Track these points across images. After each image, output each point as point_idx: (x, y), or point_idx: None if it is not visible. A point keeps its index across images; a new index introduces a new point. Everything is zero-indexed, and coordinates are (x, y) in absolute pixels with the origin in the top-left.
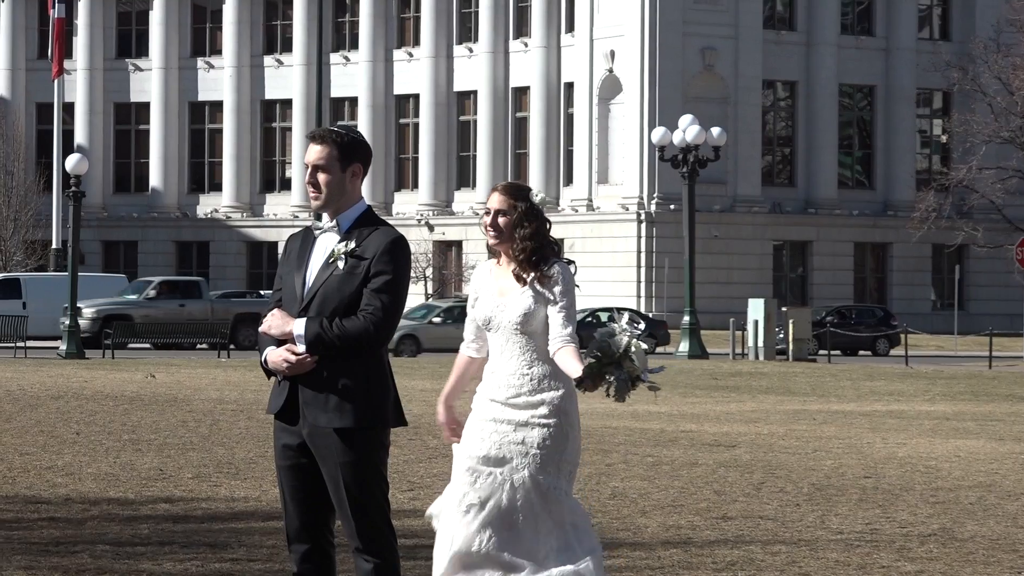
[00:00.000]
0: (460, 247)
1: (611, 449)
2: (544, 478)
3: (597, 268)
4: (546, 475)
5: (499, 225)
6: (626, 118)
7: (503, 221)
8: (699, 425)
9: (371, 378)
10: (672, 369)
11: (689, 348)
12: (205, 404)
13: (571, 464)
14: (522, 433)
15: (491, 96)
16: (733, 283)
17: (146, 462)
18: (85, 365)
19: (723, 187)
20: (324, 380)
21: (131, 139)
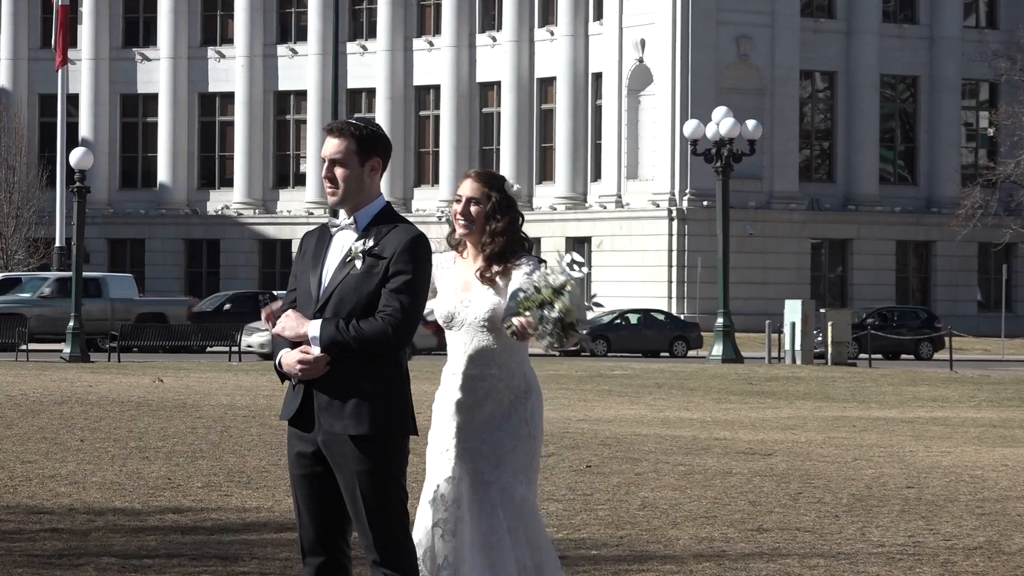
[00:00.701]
0: None
1: (641, 457)
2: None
3: (626, 268)
4: (518, 484)
5: (471, 214)
6: (657, 110)
7: (475, 210)
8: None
9: (390, 383)
10: (705, 374)
11: (723, 351)
12: (215, 410)
13: (536, 471)
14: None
15: (515, 87)
16: (769, 283)
17: (153, 471)
18: (90, 369)
19: (759, 183)
20: (341, 385)
21: (138, 132)
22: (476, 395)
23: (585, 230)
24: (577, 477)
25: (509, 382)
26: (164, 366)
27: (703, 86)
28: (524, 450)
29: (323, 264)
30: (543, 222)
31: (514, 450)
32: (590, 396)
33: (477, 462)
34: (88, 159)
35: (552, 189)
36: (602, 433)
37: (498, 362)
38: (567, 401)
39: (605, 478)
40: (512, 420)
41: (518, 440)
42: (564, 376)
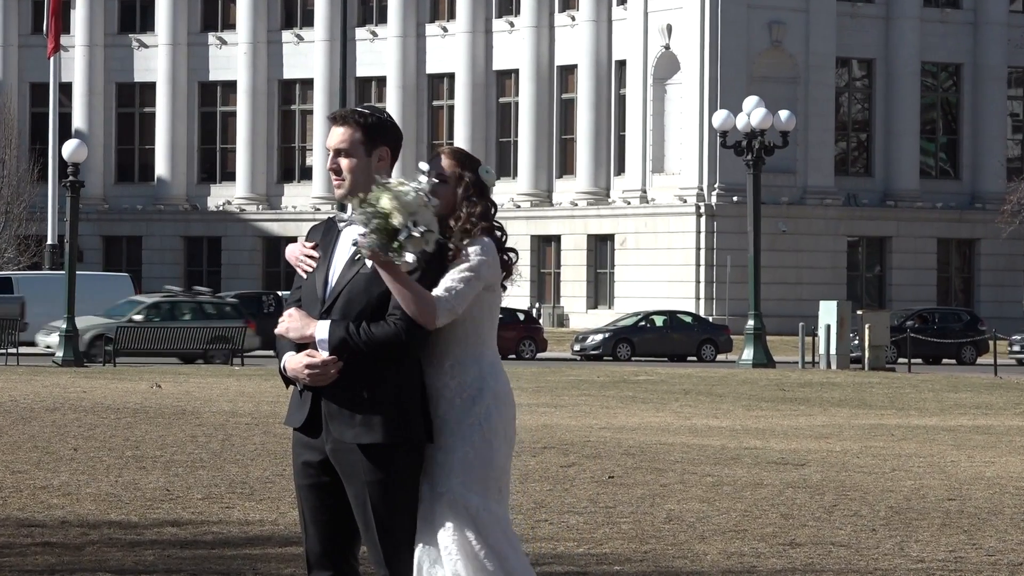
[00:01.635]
0: None
1: (666, 468)
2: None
3: (651, 267)
4: (472, 495)
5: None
6: (684, 100)
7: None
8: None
9: (402, 389)
10: (735, 379)
11: (754, 356)
12: (216, 417)
13: (497, 480)
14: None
15: (534, 76)
16: (803, 284)
17: (151, 481)
18: (84, 374)
19: (792, 177)
20: (351, 391)
21: (135, 123)
22: (432, 395)
23: (608, 227)
24: (599, 489)
25: (461, 380)
26: (162, 371)
27: (733, 74)
28: (479, 456)
29: (330, 262)
30: (563, 218)
31: (466, 457)
32: (612, 403)
33: (432, 470)
34: (82, 152)
35: (573, 184)
36: (625, 442)
37: (451, 358)
38: (588, 408)
39: (628, 489)
40: (463, 422)
41: (470, 446)
42: (585, 382)
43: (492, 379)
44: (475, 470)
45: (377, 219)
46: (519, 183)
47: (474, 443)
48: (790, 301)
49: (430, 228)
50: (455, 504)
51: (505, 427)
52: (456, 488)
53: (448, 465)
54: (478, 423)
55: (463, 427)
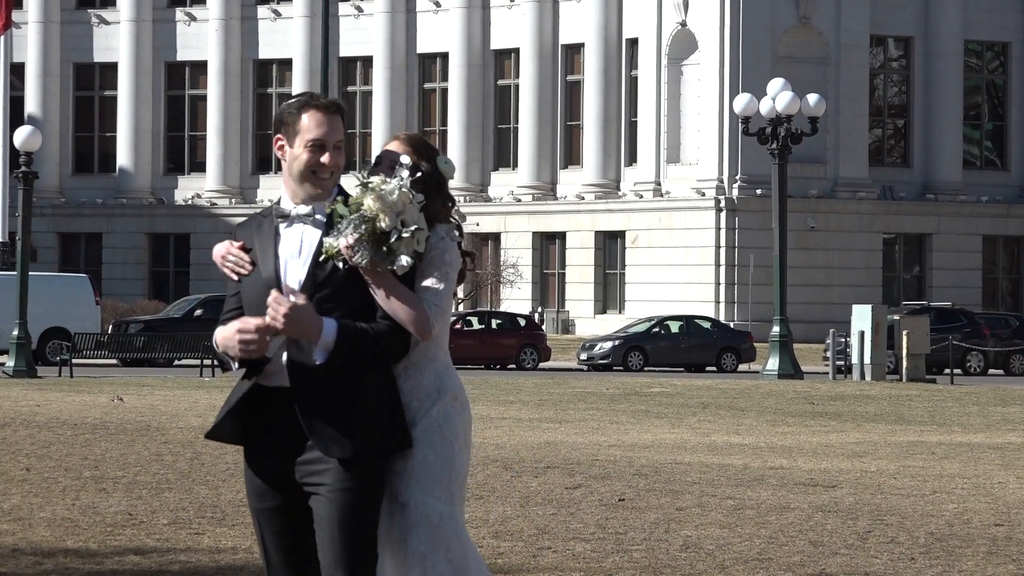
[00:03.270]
0: (498, 241)
1: (683, 490)
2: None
3: (666, 267)
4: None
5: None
6: (702, 83)
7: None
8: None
9: (390, 394)
10: (759, 391)
11: (779, 365)
12: (184, 433)
13: (460, 486)
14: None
15: (536, 55)
16: (834, 285)
17: (112, 505)
18: (37, 385)
19: (821, 167)
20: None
21: (94, 108)
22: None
23: (618, 223)
24: (608, 513)
25: (416, 382)
26: (124, 382)
27: (756, 54)
28: (439, 460)
29: (276, 262)
30: (569, 214)
31: (426, 460)
32: (623, 418)
33: (392, 479)
34: (35, 139)
35: (579, 175)
36: (637, 461)
37: (407, 359)
38: (596, 424)
39: (641, 514)
40: (422, 425)
41: (430, 449)
42: (592, 394)
43: (448, 380)
44: (436, 475)
45: (364, 224)
46: (519, 174)
47: (434, 446)
48: (820, 305)
49: (420, 226)
50: (418, 513)
51: (464, 429)
52: (417, 495)
53: (408, 471)
54: (436, 425)
55: (421, 431)
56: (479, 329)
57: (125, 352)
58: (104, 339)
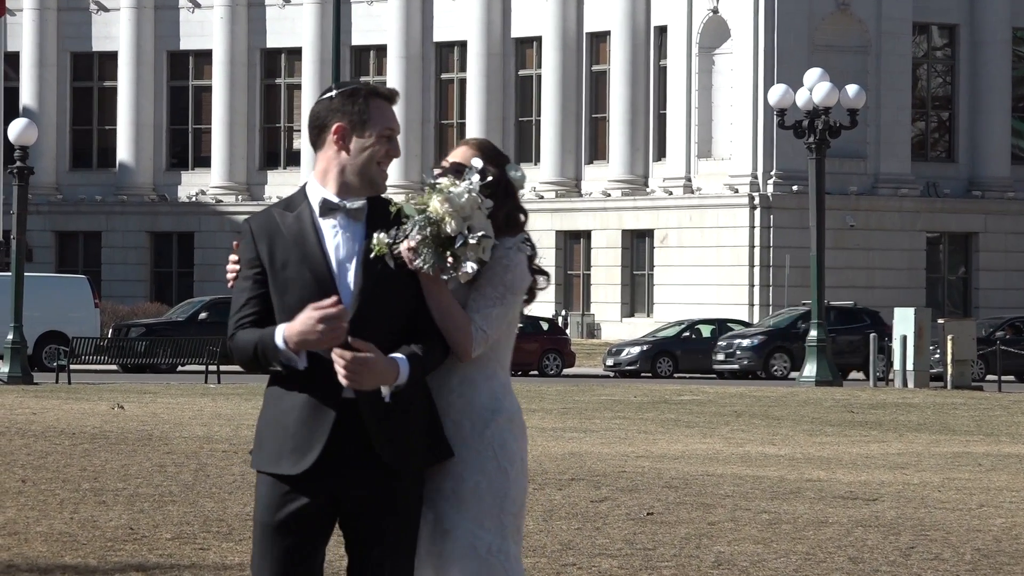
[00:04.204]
0: None
1: (715, 503)
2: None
3: (697, 268)
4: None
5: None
6: (735, 73)
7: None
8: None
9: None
10: (795, 399)
11: (817, 371)
12: (188, 443)
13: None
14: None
15: (560, 44)
16: (874, 287)
17: (112, 518)
18: (33, 392)
19: (861, 163)
20: (400, 407)
21: (93, 100)
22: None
23: (646, 221)
24: (636, 527)
25: (471, 399)
26: (125, 389)
27: (792, 43)
28: (492, 488)
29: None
30: (594, 211)
31: (477, 488)
32: (652, 427)
33: (436, 500)
34: (31, 133)
35: (605, 171)
36: (667, 473)
37: (460, 373)
38: (624, 433)
39: (671, 528)
40: (474, 448)
41: (482, 475)
42: (619, 402)
43: (506, 400)
44: (487, 504)
45: (429, 226)
46: (542, 170)
47: (487, 472)
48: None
49: (487, 233)
50: (464, 543)
51: (522, 455)
52: (466, 524)
53: (457, 496)
54: (491, 450)
55: (474, 453)
56: None
57: (126, 357)
58: (104, 344)
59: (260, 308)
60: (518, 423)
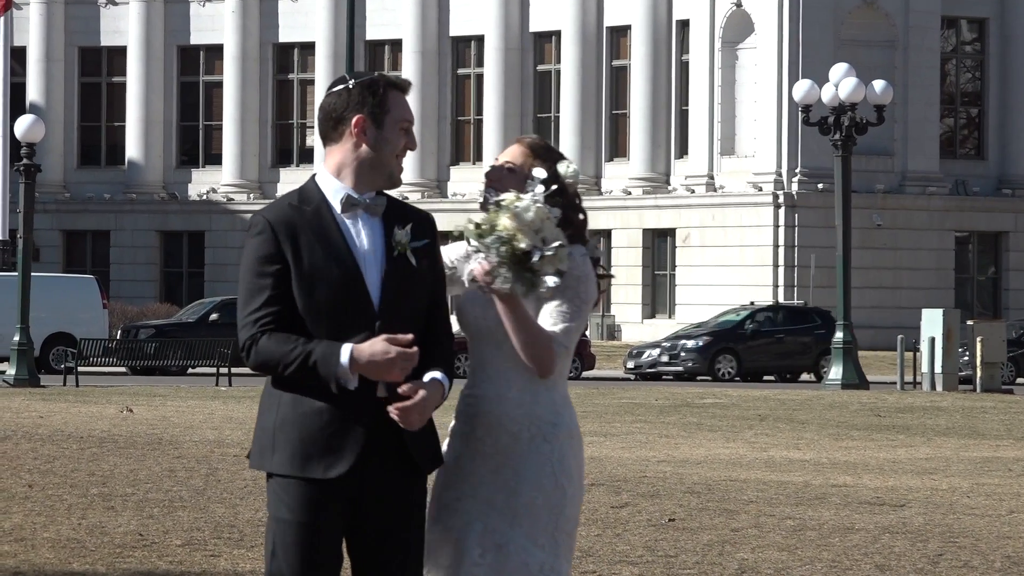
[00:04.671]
0: None
1: (738, 509)
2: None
3: (719, 268)
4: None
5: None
6: (759, 68)
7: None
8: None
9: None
10: (820, 402)
11: (843, 374)
12: (199, 447)
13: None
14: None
15: (579, 39)
16: (902, 288)
17: (121, 524)
18: (40, 395)
19: (889, 160)
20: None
21: (101, 95)
22: (487, 423)
23: (668, 220)
24: (657, 534)
25: (530, 409)
26: (134, 392)
27: (818, 37)
28: (548, 504)
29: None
30: (615, 210)
31: (533, 503)
32: (674, 431)
33: (490, 515)
34: (38, 129)
35: (626, 168)
36: (689, 478)
37: (520, 383)
38: (645, 437)
39: (693, 535)
40: (532, 462)
41: (539, 491)
42: (640, 405)
43: (566, 413)
44: (543, 521)
45: (503, 246)
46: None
47: (543, 488)
48: (887, 309)
49: (562, 243)
50: (517, 560)
51: (579, 471)
52: (520, 541)
53: (511, 511)
54: (549, 464)
55: (531, 467)
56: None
57: (135, 359)
58: (112, 345)
59: (281, 307)
60: (577, 437)
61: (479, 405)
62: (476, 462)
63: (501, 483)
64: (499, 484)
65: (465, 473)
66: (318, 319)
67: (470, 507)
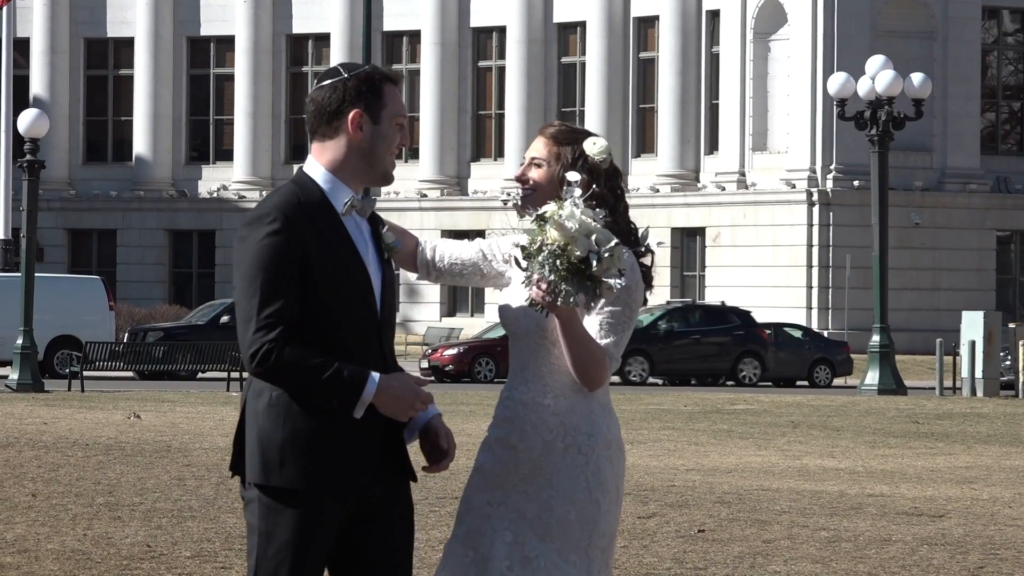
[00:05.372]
0: None
1: (770, 520)
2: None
3: (751, 269)
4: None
5: (529, 179)
6: (792, 60)
7: (539, 175)
8: (893, 487)
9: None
10: (856, 409)
11: (880, 379)
12: (210, 455)
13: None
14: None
15: (605, 30)
16: (941, 289)
17: (128, 535)
18: (44, 400)
19: (927, 156)
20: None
21: (108, 89)
22: (521, 429)
23: (697, 219)
24: (686, 545)
25: (566, 418)
26: (141, 397)
27: (854, 28)
28: (581, 518)
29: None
30: (642, 207)
31: (566, 517)
32: (703, 438)
33: (519, 525)
34: (42, 124)
35: (653, 165)
36: (719, 487)
37: (557, 388)
38: (673, 445)
39: (723, 546)
40: (566, 474)
41: (572, 505)
42: (668, 412)
43: (605, 423)
44: (576, 536)
45: (557, 259)
46: None
47: (577, 501)
48: (925, 312)
49: (615, 241)
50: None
51: (617, 483)
52: (551, 556)
53: (543, 524)
54: (584, 477)
55: (565, 479)
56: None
57: (143, 363)
58: (119, 349)
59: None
60: (616, 447)
61: (516, 409)
62: (509, 468)
63: (533, 493)
64: (531, 494)
65: (498, 478)
66: (320, 326)
67: (500, 514)
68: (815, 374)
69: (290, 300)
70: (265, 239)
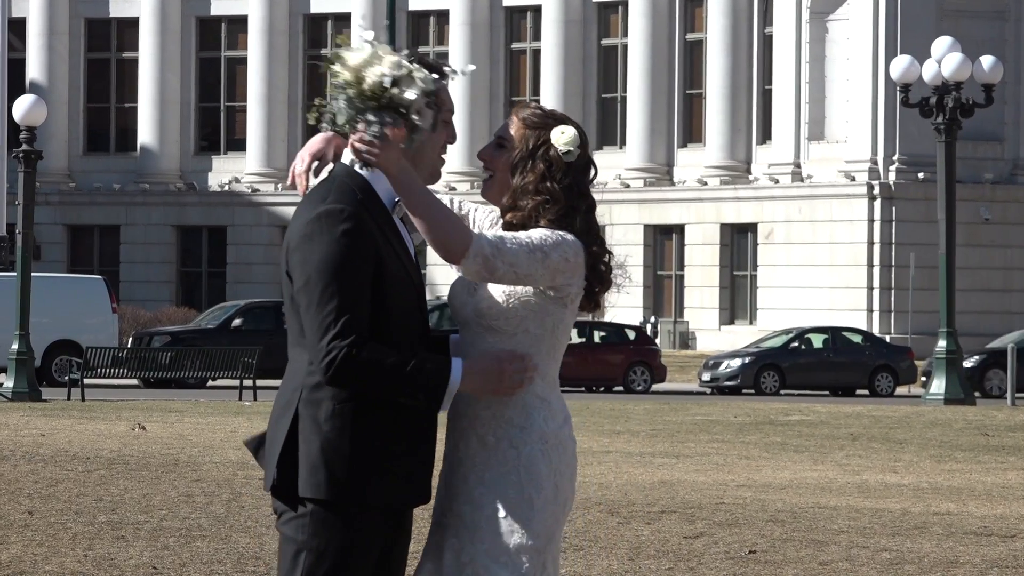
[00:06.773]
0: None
1: (828, 540)
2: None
3: (807, 268)
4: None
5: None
6: (852, 43)
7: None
8: (960, 504)
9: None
10: (921, 420)
11: (946, 388)
12: (220, 469)
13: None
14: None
15: (649, 9)
16: (1012, 291)
17: (133, 556)
18: (42, 410)
19: (998, 146)
20: None
21: (111, 74)
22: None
23: (749, 214)
24: (737, 567)
25: (498, 411)
26: (146, 407)
27: (919, 7)
28: (512, 518)
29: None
30: (688, 202)
31: (494, 516)
32: (755, 451)
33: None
34: (40, 111)
35: (701, 155)
36: (772, 505)
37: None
38: (722, 459)
39: (776, 568)
40: (497, 470)
41: (502, 502)
42: (717, 423)
43: (541, 416)
44: (505, 536)
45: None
46: (628, 155)
47: (507, 499)
48: (995, 315)
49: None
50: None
51: (555, 480)
52: (481, 559)
53: (475, 525)
54: (515, 473)
55: (495, 475)
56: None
57: (148, 370)
58: (122, 354)
59: (369, 315)
60: (553, 443)
61: (455, 406)
62: (451, 471)
63: (466, 494)
64: (465, 495)
65: (445, 484)
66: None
67: (448, 521)
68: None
69: (365, 304)
70: (341, 238)
